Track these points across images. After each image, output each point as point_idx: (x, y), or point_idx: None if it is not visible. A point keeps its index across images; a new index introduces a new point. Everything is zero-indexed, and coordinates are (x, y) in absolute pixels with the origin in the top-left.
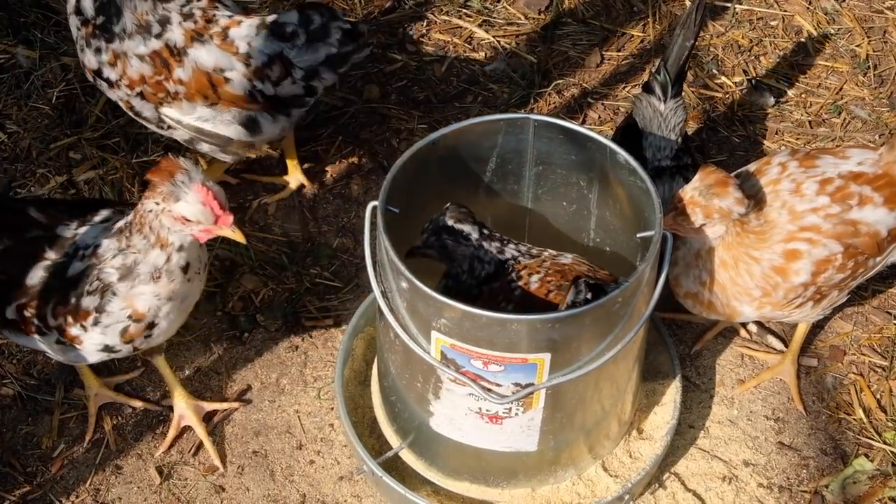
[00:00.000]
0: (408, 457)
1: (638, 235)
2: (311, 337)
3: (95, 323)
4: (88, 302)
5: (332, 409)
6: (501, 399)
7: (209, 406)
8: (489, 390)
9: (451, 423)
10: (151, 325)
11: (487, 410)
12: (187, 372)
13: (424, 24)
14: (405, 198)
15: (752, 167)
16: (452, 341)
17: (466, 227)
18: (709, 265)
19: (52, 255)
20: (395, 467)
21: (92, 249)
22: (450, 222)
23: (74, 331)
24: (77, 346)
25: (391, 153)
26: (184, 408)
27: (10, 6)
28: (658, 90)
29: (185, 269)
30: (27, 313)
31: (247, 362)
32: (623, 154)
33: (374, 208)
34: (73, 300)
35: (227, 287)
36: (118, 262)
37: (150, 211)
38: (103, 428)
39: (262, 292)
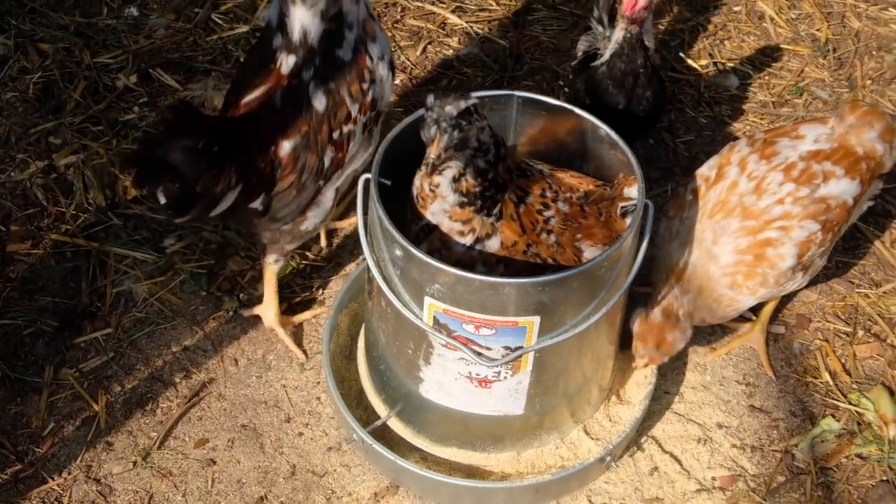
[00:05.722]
0: (396, 425)
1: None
2: (296, 314)
3: None
4: None
5: (319, 382)
6: (491, 362)
7: (299, 320)
8: (480, 354)
9: (441, 388)
10: None
11: (477, 374)
12: (174, 350)
13: (398, 10)
14: (395, 171)
15: (711, 171)
16: (445, 306)
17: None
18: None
19: None
20: (384, 437)
21: None
22: (458, 109)
23: None
24: None
25: None
26: (275, 323)
27: None
28: (598, 26)
29: None
30: None
31: (233, 340)
32: (604, 128)
33: (367, 181)
34: None
35: (213, 269)
36: None
37: None
38: (93, 406)
39: (247, 274)
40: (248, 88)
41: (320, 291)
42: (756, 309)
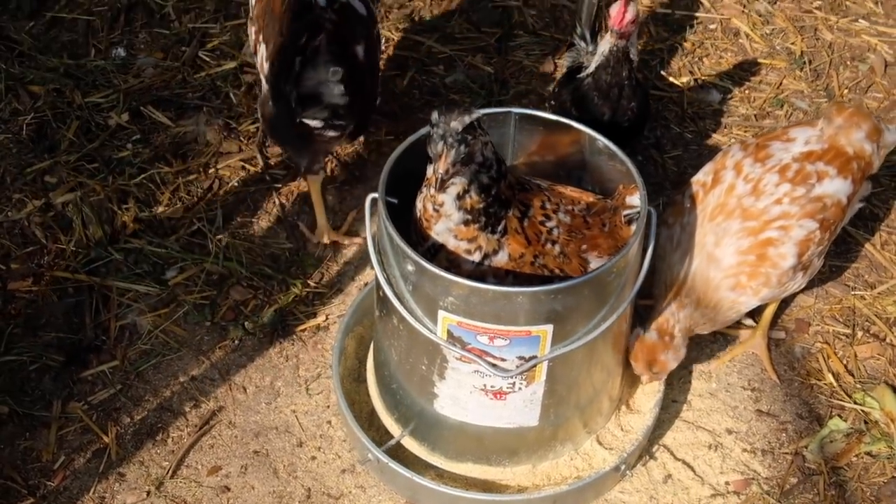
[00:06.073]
0: (410, 444)
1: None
2: (301, 341)
3: None
4: None
5: (329, 406)
6: (506, 373)
7: (335, 237)
8: (495, 365)
9: (456, 403)
10: None
11: (492, 386)
12: (181, 380)
13: (385, 42)
14: (398, 189)
15: (707, 177)
16: (459, 318)
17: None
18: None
19: None
20: (398, 456)
21: None
22: (462, 124)
23: None
24: None
25: (362, 164)
26: (326, 236)
27: None
28: (581, 42)
29: None
30: None
31: (240, 368)
32: (601, 139)
33: (374, 199)
34: None
35: (216, 300)
36: None
37: None
38: (103, 438)
39: (250, 303)
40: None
41: (324, 318)
42: (756, 316)
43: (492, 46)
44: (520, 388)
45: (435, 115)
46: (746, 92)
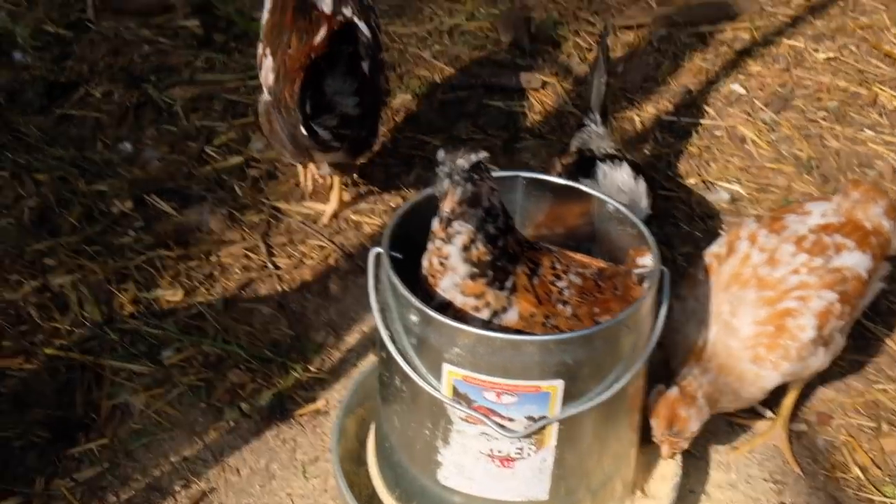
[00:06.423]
0: None
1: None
2: (300, 425)
3: None
4: None
5: (326, 490)
6: (514, 434)
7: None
8: (502, 426)
9: (461, 472)
10: None
11: (499, 452)
12: (172, 460)
13: (390, 140)
14: (403, 247)
15: (721, 248)
16: (465, 372)
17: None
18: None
19: None
20: None
21: None
22: (469, 162)
23: None
24: None
25: (363, 252)
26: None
27: None
28: (591, 124)
29: None
30: None
31: (234, 450)
32: (612, 203)
33: (378, 254)
34: None
35: (213, 381)
36: None
37: None
38: None
39: (248, 385)
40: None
41: (325, 402)
42: (774, 406)
43: (498, 148)
44: (529, 454)
45: (441, 154)
46: (755, 194)
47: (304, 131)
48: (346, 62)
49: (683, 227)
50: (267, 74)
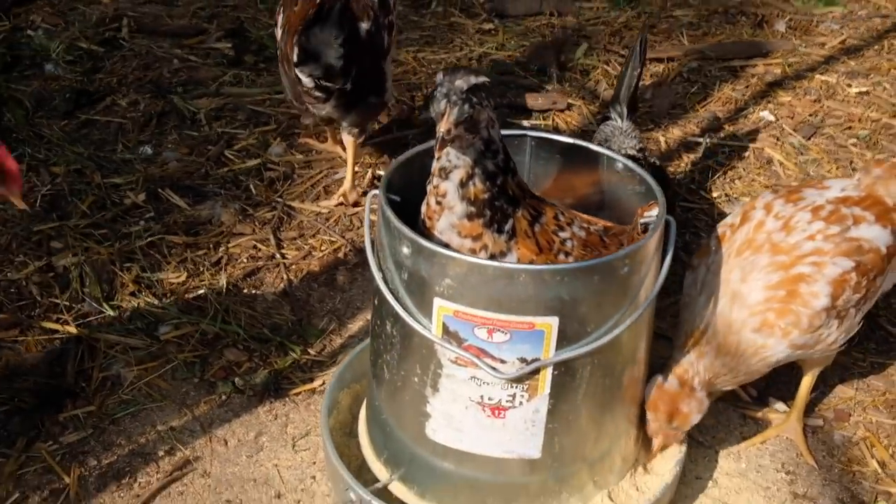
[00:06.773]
0: (400, 490)
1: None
2: (294, 402)
3: None
4: None
5: (315, 462)
6: (505, 375)
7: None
8: (493, 368)
9: (450, 422)
10: None
11: (490, 399)
12: (159, 428)
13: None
14: (405, 194)
15: (735, 218)
16: (456, 307)
17: (480, 79)
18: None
19: None
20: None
21: None
22: (468, 83)
23: None
24: None
25: None
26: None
27: (3, 126)
28: (617, 118)
29: None
30: None
31: (224, 422)
32: (621, 160)
33: (374, 196)
34: None
35: (208, 358)
36: None
37: None
38: (64, 479)
39: (244, 364)
40: None
41: (321, 383)
42: (788, 399)
43: None
44: (521, 402)
45: (440, 76)
46: None
47: (295, 76)
48: (337, 17)
49: (703, 235)
50: (277, 31)
